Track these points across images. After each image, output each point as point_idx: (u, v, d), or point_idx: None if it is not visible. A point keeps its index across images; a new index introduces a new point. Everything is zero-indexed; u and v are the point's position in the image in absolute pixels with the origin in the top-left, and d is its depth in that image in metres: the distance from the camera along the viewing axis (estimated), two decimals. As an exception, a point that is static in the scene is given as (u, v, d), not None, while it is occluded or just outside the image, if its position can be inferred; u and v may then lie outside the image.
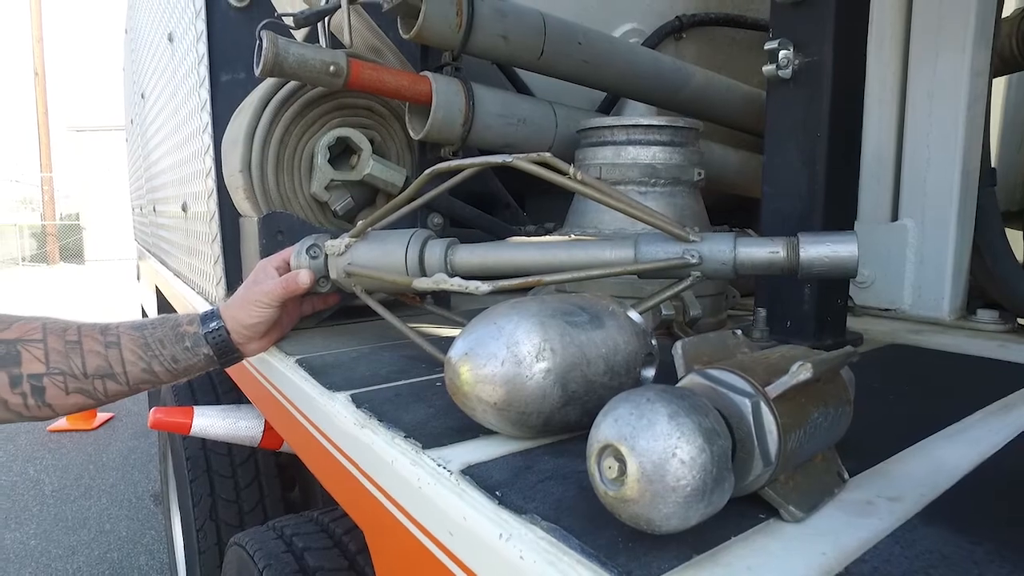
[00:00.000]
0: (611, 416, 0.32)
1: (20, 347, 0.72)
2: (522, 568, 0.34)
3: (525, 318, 0.46)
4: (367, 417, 0.55)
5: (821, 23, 0.70)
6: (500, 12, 0.95)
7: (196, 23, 1.09)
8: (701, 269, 0.61)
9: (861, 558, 0.32)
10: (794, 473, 0.37)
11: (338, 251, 0.75)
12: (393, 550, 0.50)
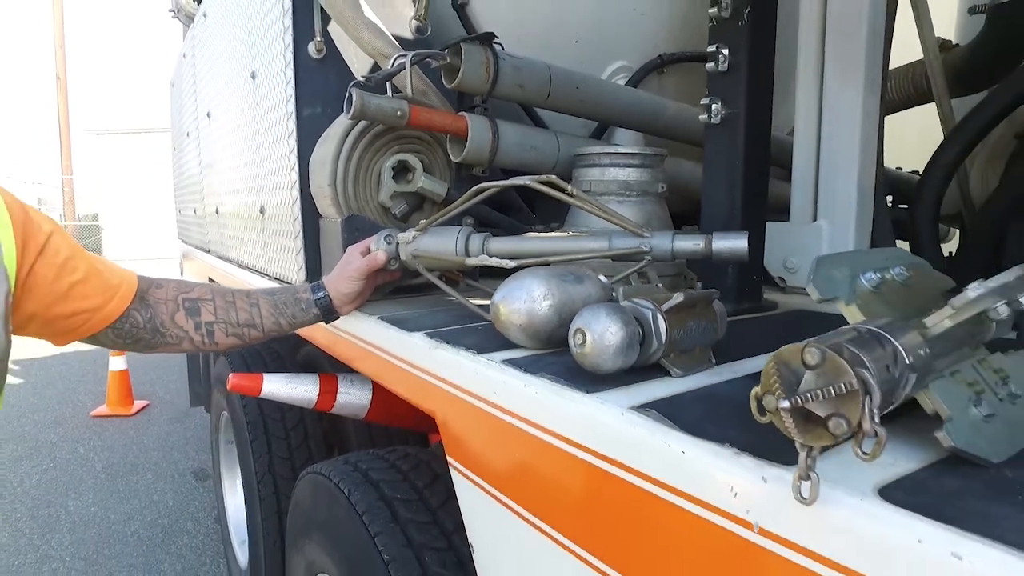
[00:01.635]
0: (580, 315, 0.66)
1: (200, 303, 1.07)
2: (536, 398, 0.68)
3: (537, 277, 0.80)
4: (438, 343, 0.89)
5: (737, 86, 1.04)
6: (517, 67, 1.29)
7: (286, 71, 1.44)
8: (651, 255, 0.94)
9: (682, 393, 0.66)
10: (680, 354, 0.71)
11: (407, 240, 1.10)
12: (458, 416, 0.84)
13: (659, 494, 0.54)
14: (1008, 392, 0.52)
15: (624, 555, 0.59)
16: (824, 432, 0.39)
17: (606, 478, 0.59)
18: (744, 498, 0.47)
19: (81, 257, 0.98)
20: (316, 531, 1.49)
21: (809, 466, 0.41)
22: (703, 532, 0.50)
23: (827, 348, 0.39)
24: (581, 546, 0.64)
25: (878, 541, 0.39)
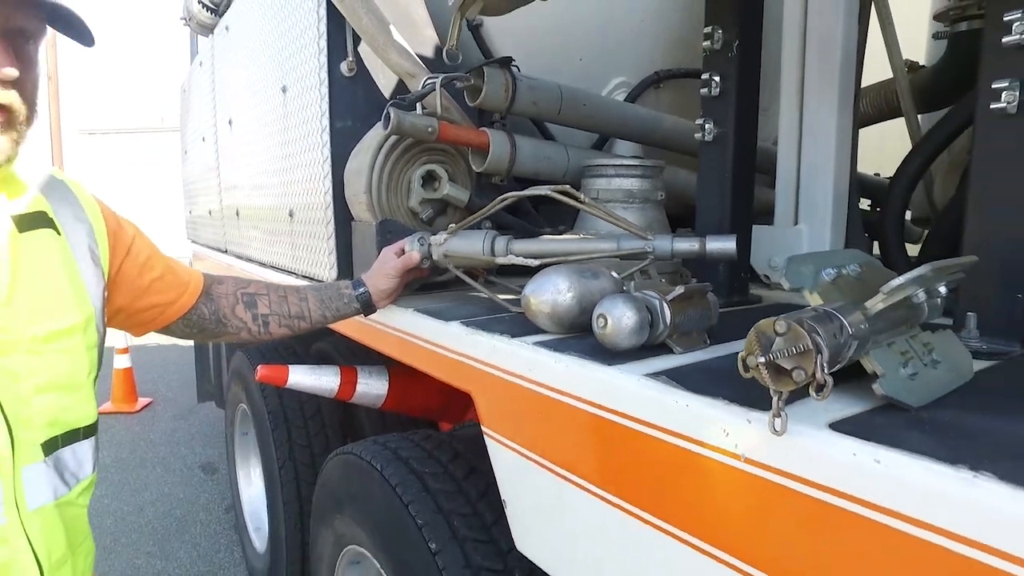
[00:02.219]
0: (602, 303, 0.82)
1: (256, 298, 1.23)
2: (566, 371, 0.84)
3: (561, 273, 0.95)
4: (473, 330, 1.05)
5: (727, 109, 1.20)
6: (532, 87, 1.45)
7: (320, 88, 1.59)
8: (654, 255, 1.10)
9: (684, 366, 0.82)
10: (681, 336, 0.87)
11: (439, 242, 1.25)
12: (494, 391, 0.99)
13: (668, 440, 0.70)
14: (931, 359, 0.68)
15: (638, 491, 0.75)
16: (789, 380, 0.55)
17: (625, 431, 0.75)
18: (733, 436, 0.63)
19: (158, 257, 1.13)
20: (348, 506, 1.64)
21: (780, 407, 0.57)
22: (702, 465, 0.66)
23: (792, 321, 0.55)
24: (603, 488, 0.80)
25: (827, 457, 0.56)
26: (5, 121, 0.75)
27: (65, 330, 0.88)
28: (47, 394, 0.84)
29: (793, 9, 1.45)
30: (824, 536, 0.56)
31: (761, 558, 0.62)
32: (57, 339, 0.87)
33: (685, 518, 0.69)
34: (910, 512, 0.50)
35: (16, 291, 0.82)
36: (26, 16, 0.75)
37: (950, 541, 0.47)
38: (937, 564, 0.48)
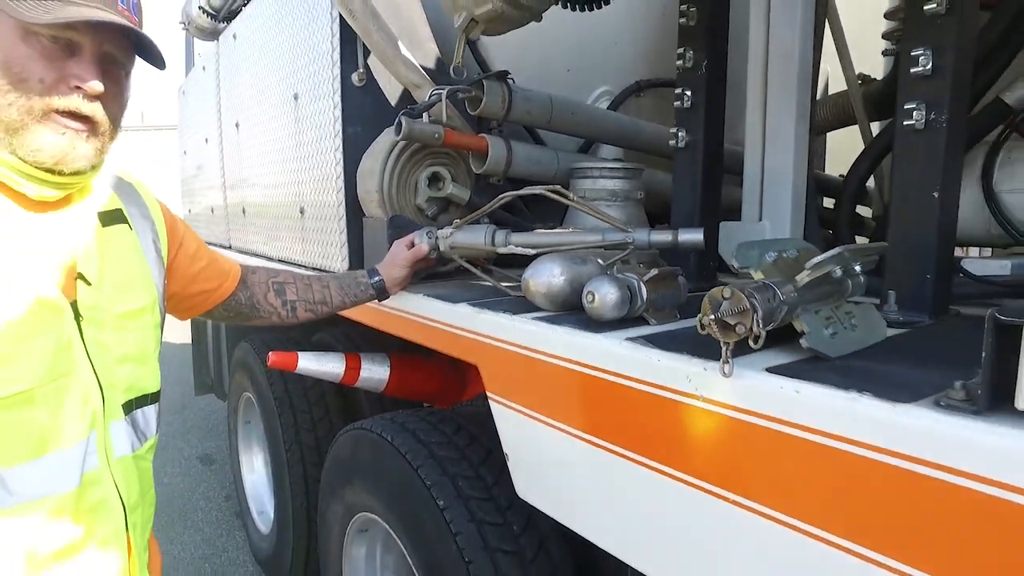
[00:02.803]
0: (590, 282, 1.00)
1: (285, 286, 1.39)
2: (561, 339, 1.02)
3: (554, 260, 1.13)
4: (480, 309, 1.23)
5: (698, 119, 1.39)
6: (526, 98, 1.62)
7: (334, 96, 1.75)
8: (634, 245, 1.28)
9: (657, 333, 1.00)
10: (656, 311, 1.05)
11: (446, 236, 1.43)
12: (498, 360, 1.17)
13: (644, 389, 0.88)
14: (850, 324, 0.87)
15: (619, 433, 0.93)
16: (733, 333, 0.73)
17: (610, 385, 0.93)
18: (694, 381, 0.81)
19: (204, 249, 1.29)
20: (359, 476, 1.81)
21: (727, 355, 0.75)
22: (670, 406, 0.84)
23: (735, 288, 0.73)
24: (592, 434, 0.98)
25: (763, 391, 0.74)
26: (90, 130, 0.90)
27: (138, 310, 1.04)
28: (126, 364, 1.00)
29: (757, 32, 1.64)
30: (762, 450, 0.74)
31: (717, 475, 0.80)
32: (133, 318, 1.03)
33: (659, 451, 0.87)
34: (817, 425, 0.68)
35: (103, 276, 0.98)
36: (115, 44, 0.91)
37: (843, 443, 0.66)
38: (836, 459, 0.67)
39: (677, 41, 1.46)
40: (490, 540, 1.40)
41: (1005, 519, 0.55)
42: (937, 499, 0.60)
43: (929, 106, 1.00)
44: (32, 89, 0.82)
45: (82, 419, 0.91)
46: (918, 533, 0.61)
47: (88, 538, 0.91)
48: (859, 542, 0.66)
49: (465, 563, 1.37)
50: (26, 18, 0.79)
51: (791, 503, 0.72)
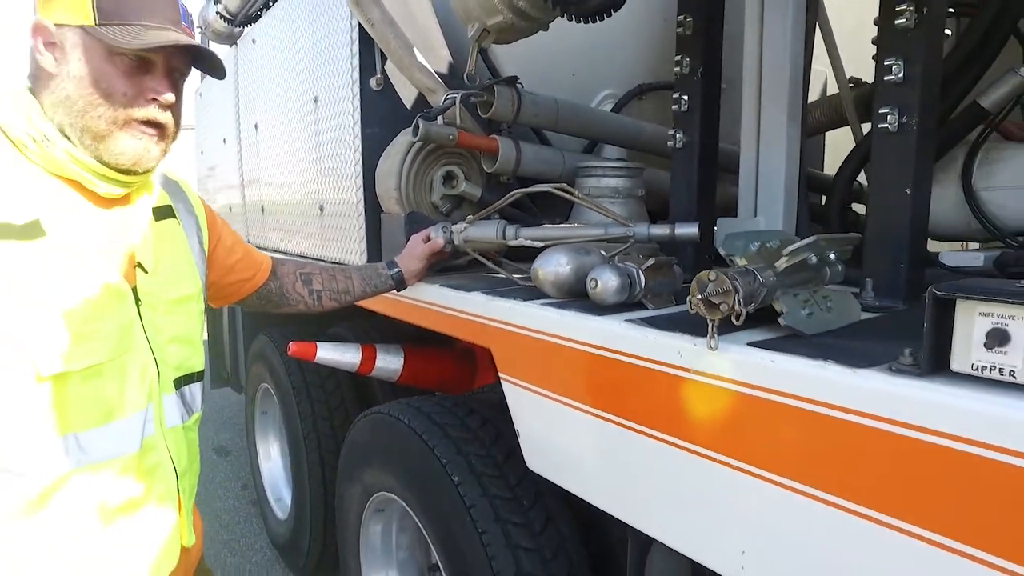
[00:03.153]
0: (594, 270, 1.11)
1: (311, 276, 1.50)
2: (568, 322, 1.13)
3: (561, 251, 1.24)
4: (493, 296, 1.34)
5: (694, 122, 1.49)
6: (534, 101, 1.73)
7: (353, 100, 1.87)
8: (634, 238, 1.39)
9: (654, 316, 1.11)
10: (653, 296, 1.16)
11: (460, 231, 1.54)
12: (510, 343, 1.28)
13: (641, 364, 0.99)
14: (827, 306, 0.98)
15: (619, 405, 1.04)
16: (717, 311, 0.84)
17: (612, 362, 1.04)
18: (685, 356, 0.92)
19: (239, 242, 1.41)
20: (377, 458, 1.92)
21: (713, 332, 0.86)
22: (664, 378, 0.95)
23: (720, 272, 0.84)
24: (596, 407, 1.09)
25: (744, 362, 0.85)
26: (160, 135, 1.02)
27: (187, 297, 1.16)
28: (176, 344, 1.12)
29: (751, 39, 1.74)
30: (744, 414, 0.85)
31: (703, 437, 0.91)
32: (182, 303, 1.14)
33: (655, 419, 0.98)
34: (790, 390, 0.79)
35: (157, 265, 1.10)
36: (180, 59, 1.02)
37: (811, 405, 0.77)
38: (806, 419, 0.77)
39: (675, 47, 1.57)
40: (502, 513, 1.51)
41: (941, 460, 0.66)
42: (889, 447, 0.70)
43: (901, 110, 1.11)
44: (116, 102, 0.94)
45: (141, 391, 1.02)
46: (875, 477, 0.72)
47: (147, 496, 1.03)
48: (828, 490, 0.77)
49: (479, 534, 1.48)
50: (119, 44, 0.91)
51: (771, 459, 0.83)
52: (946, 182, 1.65)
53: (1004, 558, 0.63)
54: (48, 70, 0.93)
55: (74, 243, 0.97)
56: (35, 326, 0.90)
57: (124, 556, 1.01)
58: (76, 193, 1.00)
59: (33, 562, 0.93)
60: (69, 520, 0.95)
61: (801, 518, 0.80)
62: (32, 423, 0.91)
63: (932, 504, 0.68)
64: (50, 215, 0.95)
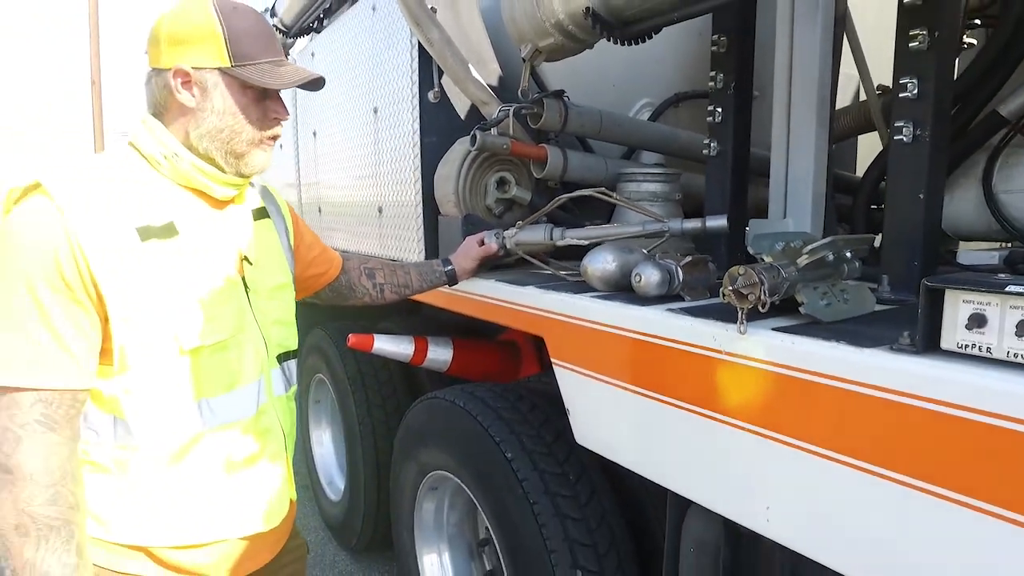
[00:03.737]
0: (638, 265, 1.26)
1: (374, 271, 1.68)
2: (616, 311, 1.28)
3: (607, 249, 1.40)
4: (546, 290, 1.50)
5: (727, 132, 1.64)
6: (579, 113, 1.89)
7: (412, 111, 2.05)
8: (669, 232, 1.53)
9: (691, 306, 1.26)
10: (690, 290, 1.31)
11: (511, 235, 1.70)
12: (562, 331, 1.44)
13: (680, 347, 1.14)
14: (843, 298, 1.12)
15: (660, 383, 1.19)
16: (746, 300, 0.99)
17: (654, 346, 1.20)
18: (719, 340, 1.07)
19: (316, 240, 1.59)
20: (432, 438, 2.10)
21: (742, 318, 1.01)
22: (699, 359, 1.10)
23: (747, 267, 0.99)
24: (639, 386, 1.24)
25: (769, 344, 1.00)
26: (272, 145, 1.21)
27: (282, 285, 1.35)
28: (277, 326, 1.31)
29: (782, 51, 1.87)
30: (768, 389, 1.00)
31: (733, 410, 1.06)
32: (280, 291, 1.33)
33: (692, 395, 1.14)
34: (808, 367, 0.94)
35: (259, 258, 1.28)
36: None
37: (825, 379, 0.91)
38: (821, 391, 0.92)
39: (710, 63, 1.71)
40: (551, 486, 1.67)
41: (932, 422, 0.81)
42: (890, 412, 0.85)
43: (915, 124, 1.24)
44: (252, 127, 1.13)
45: (255, 365, 1.21)
46: (879, 437, 0.87)
47: (262, 453, 1.22)
48: (839, 450, 0.92)
49: (531, 504, 1.65)
50: (265, 84, 1.11)
51: (792, 426, 0.98)
52: (968, 185, 1.76)
53: (985, 500, 0.77)
54: (187, 105, 1.12)
55: (199, 241, 1.17)
56: (176, 309, 1.10)
57: (246, 502, 1.21)
58: (197, 199, 1.20)
59: (175, 502, 1.13)
60: (202, 470, 1.15)
61: (817, 475, 0.94)
62: (175, 390, 1.11)
63: (925, 458, 0.82)
64: (180, 218, 1.15)
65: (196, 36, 1.09)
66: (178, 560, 1.18)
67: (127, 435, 1.11)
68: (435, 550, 2.34)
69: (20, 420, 1.00)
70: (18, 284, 1.01)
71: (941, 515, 0.81)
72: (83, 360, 1.05)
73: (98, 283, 1.04)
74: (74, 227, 1.02)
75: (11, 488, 0.99)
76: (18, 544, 0.99)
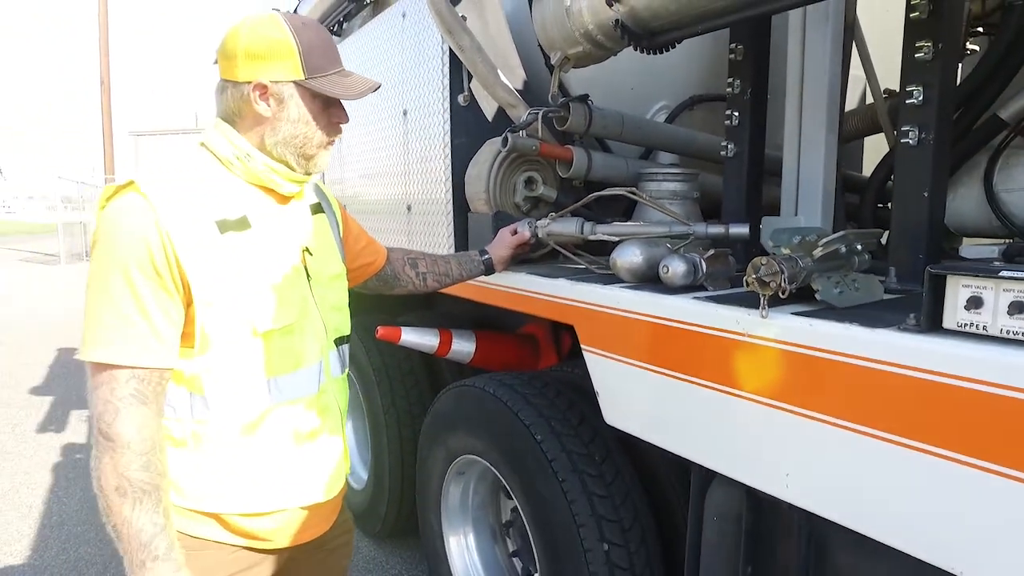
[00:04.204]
0: (665, 258, 1.38)
1: (417, 260, 1.80)
2: (644, 300, 1.40)
3: (635, 244, 1.52)
4: (577, 281, 1.62)
5: (743, 135, 1.75)
6: (603, 115, 2.01)
7: (443, 114, 2.17)
8: (694, 236, 1.65)
9: (714, 295, 1.38)
10: (712, 280, 1.43)
11: (544, 226, 1.82)
12: (592, 320, 1.56)
13: (706, 332, 1.26)
14: (855, 287, 1.23)
15: (687, 365, 1.31)
16: (768, 287, 1.10)
17: (680, 331, 1.31)
18: (742, 323, 1.19)
19: (362, 232, 1.71)
20: (461, 424, 2.22)
21: (764, 304, 1.13)
22: (724, 342, 1.22)
23: (768, 258, 1.11)
24: (665, 368, 1.36)
25: (788, 327, 1.11)
26: (333, 146, 1.33)
27: (338, 275, 1.46)
28: (334, 312, 1.43)
29: (794, 58, 1.98)
30: (790, 366, 1.12)
31: (756, 387, 1.17)
32: (336, 279, 1.45)
33: (715, 374, 1.25)
34: (824, 346, 1.05)
35: (317, 249, 1.40)
36: None
37: (839, 356, 1.03)
38: (836, 367, 1.04)
39: (728, 70, 1.83)
40: (578, 465, 1.79)
41: (936, 392, 0.92)
42: (896, 385, 0.96)
43: (920, 128, 1.35)
44: (321, 132, 1.25)
45: (316, 347, 1.33)
46: (888, 407, 0.98)
47: (323, 428, 1.34)
48: (851, 419, 1.03)
49: (559, 482, 1.77)
50: (338, 95, 1.22)
51: (809, 400, 1.09)
52: (971, 184, 1.87)
53: (983, 459, 0.89)
54: (264, 115, 1.23)
55: (269, 233, 1.28)
56: (251, 295, 1.22)
57: (310, 471, 1.33)
58: (265, 196, 1.31)
59: (246, 473, 1.25)
60: (273, 441, 1.27)
61: (832, 443, 1.06)
62: (248, 369, 1.23)
63: (930, 424, 0.94)
64: (251, 212, 1.27)
65: (273, 52, 1.20)
66: (246, 526, 1.30)
67: (204, 410, 1.23)
68: (460, 532, 2.46)
69: (119, 394, 1.12)
70: (116, 272, 1.13)
71: (944, 473, 0.92)
72: (170, 342, 1.17)
73: (184, 271, 1.16)
74: (163, 221, 1.14)
75: (112, 454, 1.11)
76: (118, 504, 1.11)
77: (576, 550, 1.72)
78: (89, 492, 3.76)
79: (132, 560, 1.11)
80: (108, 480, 1.11)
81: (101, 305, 1.13)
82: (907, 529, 0.98)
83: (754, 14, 1.37)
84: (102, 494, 1.12)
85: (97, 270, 1.15)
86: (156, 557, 1.11)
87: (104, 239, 1.15)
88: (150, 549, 1.11)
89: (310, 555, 1.45)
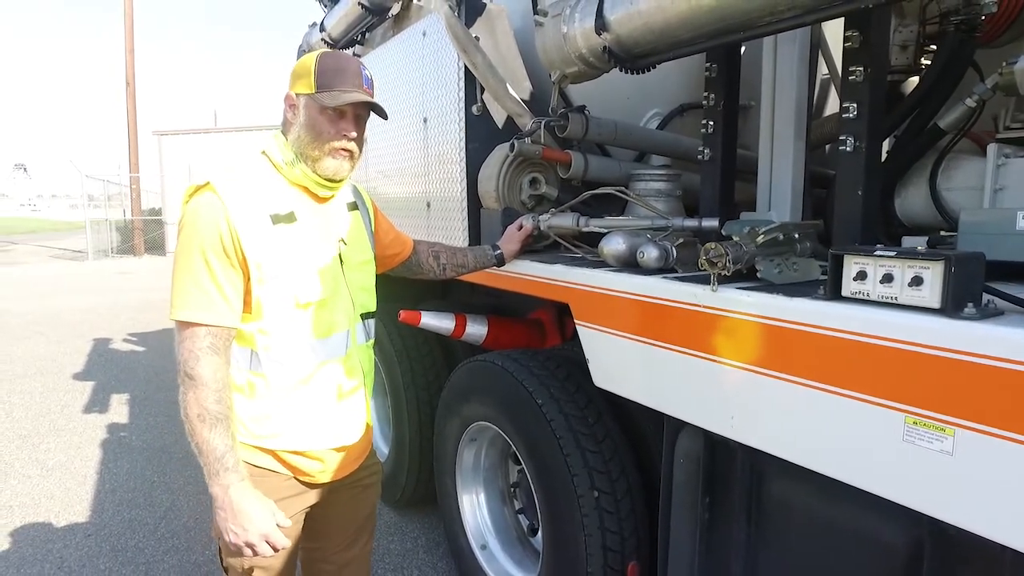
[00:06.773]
0: (642, 245, 1.67)
1: (439, 251, 2.11)
2: (627, 280, 1.70)
3: (620, 234, 1.81)
4: (572, 266, 1.92)
5: (717, 141, 2.04)
6: (599, 123, 2.30)
7: (459, 122, 2.47)
8: (672, 228, 1.94)
9: (683, 276, 1.67)
10: (683, 264, 1.72)
11: (545, 219, 2.12)
12: (585, 298, 1.86)
13: (671, 304, 1.55)
14: (794, 268, 1.52)
15: (657, 332, 1.60)
16: (716, 266, 1.39)
17: (652, 305, 1.61)
18: (699, 297, 1.48)
19: (390, 224, 2.02)
20: (474, 394, 2.52)
21: (715, 281, 1.42)
22: (685, 312, 1.51)
23: (717, 243, 1.40)
24: (641, 335, 1.65)
25: (732, 299, 1.40)
26: (349, 156, 1.61)
27: (367, 261, 1.77)
28: (362, 292, 1.73)
29: (767, 73, 2.26)
30: (730, 329, 1.41)
31: (711, 348, 1.46)
32: (365, 265, 1.76)
33: (679, 338, 1.55)
34: (753, 312, 1.34)
35: (350, 240, 1.71)
36: (362, 108, 1.60)
37: (766, 319, 1.32)
38: (764, 329, 1.33)
39: (703, 88, 2.11)
40: (574, 424, 2.09)
41: (835, 345, 1.21)
42: (804, 341, 1.25)
43: (855, 137, 1.63)
44: (325, 139, 1.54)
45: (345, 318, 1.65)
46: (803, 358, 1.27)
47: (358, 386, 1.65)
48: (777, 369, 1.32)
49: (557, 439, 2.07)
50: (325, 104, 1.50)
51: (748, 356, 1.38)
52: (920, 184, 2.14)
53: (869, 394, 1.17)
54: (290, 120, 1.55)
55: (311, 226, 1.59)
56: (296, 275, 1.53)
57: (348, 422, 1.65)
58: (305, 196, 1.62)
59: (303, 418, 1.57)
60: (321, 393, 1.58)
61: (765, 389, 1.35)
62: (293, 333, 1.54)
63: (832, 369, 1.23)
64: (297, 208, 1.58)
65: (300, 72, 1.52)
66: (294, 462, 1.61)
67: (258, 364, 1.54)
68: (473, 492, 2.77)
69: (199, 345, 1.44)
70: (196, 252, 1.44)
71: (842, 407, 1.21)
72: (235, 307, 1.48)
73: (245, 254, 1.47)
74: (231, 214, 1.45)
75: (194, 390, 1.42)
76: (199, 427, 1.42)
77: (571, 496, 2.02)
78: (136, 463, 4.12)
79: (209, 470, 1.43)
80: (192, 409, 1.42)
81: (185, 277, 1.45)
82: (817, 452, 1.27)
83: (715, 45, 1.65)
84: (187, 420, 1.43)
85: (182, 250, 1.46)
86: (227, 468, 1.43)
87: (188, 227, 1.47)
88: (223, 462, 1.43)
89: (347, 489, 1.76)
